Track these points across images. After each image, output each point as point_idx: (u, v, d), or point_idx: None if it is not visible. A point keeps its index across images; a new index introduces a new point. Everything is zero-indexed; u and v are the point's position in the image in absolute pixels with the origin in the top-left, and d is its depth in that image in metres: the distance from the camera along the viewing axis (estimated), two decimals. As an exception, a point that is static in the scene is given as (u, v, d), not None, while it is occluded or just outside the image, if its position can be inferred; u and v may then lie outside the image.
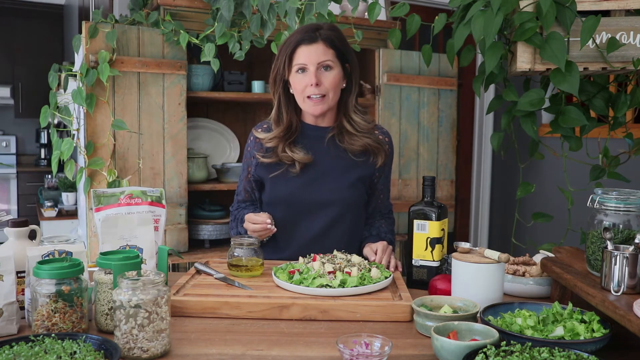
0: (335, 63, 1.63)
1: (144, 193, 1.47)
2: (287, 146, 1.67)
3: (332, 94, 1.64)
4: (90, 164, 2.38)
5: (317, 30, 1.63)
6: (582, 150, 2.07)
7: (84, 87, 2.35)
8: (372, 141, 1.70)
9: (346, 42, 1.68)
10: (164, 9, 2.55)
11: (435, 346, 1.02)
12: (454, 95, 3.12)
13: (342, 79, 1.67)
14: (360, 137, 1.69)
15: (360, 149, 1.69)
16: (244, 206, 1.80)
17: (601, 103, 1.90)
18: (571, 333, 1.06)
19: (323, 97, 1.63)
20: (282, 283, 1.37)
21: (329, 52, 1.62)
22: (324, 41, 1.62)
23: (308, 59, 1.61)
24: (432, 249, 1.50)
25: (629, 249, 1.12)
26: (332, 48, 1.62)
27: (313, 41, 1.61)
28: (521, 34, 1.68)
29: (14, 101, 5.96)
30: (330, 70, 1.62)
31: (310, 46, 1.61)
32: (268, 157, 1.70)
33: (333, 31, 1.65)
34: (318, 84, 1.61)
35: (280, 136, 1.68)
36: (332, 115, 1.72)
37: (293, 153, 1.66)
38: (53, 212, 3.85)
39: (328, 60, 1.62)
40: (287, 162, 1.68)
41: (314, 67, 1.61)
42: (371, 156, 1.72)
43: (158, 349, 1.04)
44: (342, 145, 1.70)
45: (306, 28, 1.64)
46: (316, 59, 1.61)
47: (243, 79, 2.85)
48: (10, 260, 1.14)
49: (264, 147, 1.71)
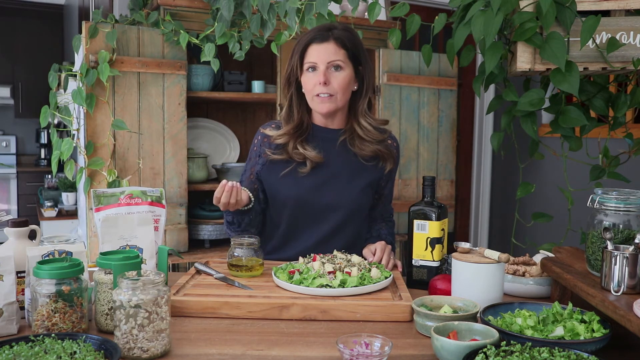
0: (346, 64, 1.62)
1: (144, 193, 1.47)
2: (298, 143, 1.66)
3: (341, 94, 1.62)
4: (90, 164, 2.38)
5: (330, 30, 1.62)
6: (582, 150, 2.07)
7: (84, 87, 2.35)
8: (383, 147, 1.70)
9: (360, 44, 1.66)
10: (164, 9, 2.55)
11: (435, 346, 1.02)
12: (454, 95, 3.12)
13: (353, 81, 1.65)
14: (371, 143, 1.67)
15: (370, 154, 1.68)
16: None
17: (601, 103, 1.90)
18: (571, 333, 1.06)
19: (331, 96, 1.62)
20: (282, 283, 1.36)
21: (340, 52, 1.61)
22: (335, 41, 1.61)
23: (318, 58, 1.60)
24: (432, 249, 1.50)
25: (629, 249, 1.12)
26: (343, 48, 1.61)
27: (324, 40, 1.61)
28: (521, 34, 1.68)
29: (14, 101, 5.96)
30: (340, 71, 1.61)
31: (321, 45, 1.60)
32: (278, 154, 1.68)
33: (346, 32, 1.64)
34: (326, 82, 1.60)
35: (291, 133, 1.67)
36: (342, 117, 1.70)
37: (305, 150, 1.65)
38: (53, 212, 3.85)
39: (338, 60, 1.60)
40: (298, 160, 1.66)
41: (324, 65, 1.60)
42: (380, 161, 1.71)
43: (158, 349, 1.04)
44: (353, 149, 1.68)
45: (320, 27, 1.64)
46: (326, 58, 1.60)
47: (243, 79, 2.85)
48: (10, 260, 1.14)
49: (273, 145, 1.69)
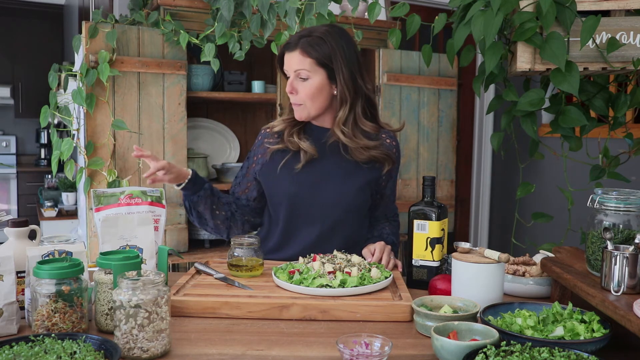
0: (313, 72, 1.59)
1: (144, 193, 1.47)
2: (295, 132, 1.67)
3: (310, 102, 1.62)
4: (90, 164, 2.38)
5: (301, 38, 1.60)
6: (582, 150, 2.07)
7: (84, 87, 2.35)
8: (378, 152, 1.67)
9: (335, 49, 1.58)
10: (164, 9, 2.55)
11: (435, 346, 1.02)
12: (454, 95, 3.12)
13: (327, 87, 1.61)
14: (364, 149, 1.65)
15: (364, 159, 1.67)
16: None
17: (601, 103, 1.90)
18: (571, 333, 1.06)
19: (300, 105, 1.63)
20: (282, 283, 1.36)
21: (306, 61, 1.58)
22: (301, 49, 1.58)
23: (287, 66, 1.63)
24: (432, 249, 1.50)
25: (629, 249, 1.12)
26: (309, 57, 1.58)
27: (292, 49, 1.60)
28: (521, 34, 1.68)
29: (14, 101, 5.96)
30: (307, 80, 1.60)
31: (290, 54, 1.61)
32: (275, 144, 1.70)
33: (318, 38, 1.58)
34: (292, 91, 1.61)
35: (288, 121, 1.69)
36: (331, 117, 1.70)
37: (300, 140, 1.66)
38: (53, 212, 3.86)
39: (302, 70, 1.59)
40: (292, 149, 1.67)
41: (292, 75, 1.61)
42: (377, 163, 1.71)
43: (158, 349, 1.04)
44: (347, 156, 1.67)
45: (297, 34, 1.64)
46: (293, 67, 1.61)
47: (243, 79, 2.85)
48: (10, 260, 1.14)
49: (273, 135, 1.72)
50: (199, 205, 1.68)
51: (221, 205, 1.71)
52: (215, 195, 1.70)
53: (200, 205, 1.68)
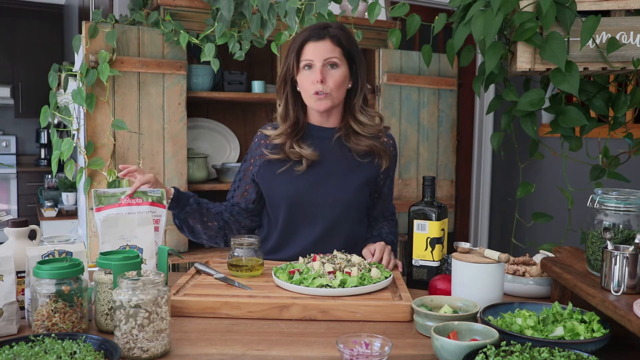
0: (341, 62, 1.63)
1: (144, 193, 1.47)
2: (294, 142, 1.68)
3: (336, 92, 1.64)
4: (90, 164, 2.38)
5: (325, 28, 1.64)
6: (582, 150, 2.07)
7: (84, 87, 2.35)
8: (378, 143, 1.71)
9: (355, 43, 1.68)
10: (164, 9, 2.55)
11: (435, 346, 1.02)
12: (454, 95, 3.12)
13: (348, 79, 1.67)
14: (366, 138, 1.69)
15: (365, 149, 1.69)
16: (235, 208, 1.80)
17: (601, 103, 1.90)
18: (571, 333, 1.06)
19: (327, 94, 1.63)
20: (282, 283, 1.36)
21: (336, 50, 1.62)
22: (331, 39, 1.62)
23: (315, 55, 1.62)
24: (432, 249, 1.50)
25: (629, 249, 1.12)
26: (339, 46, 1.63)
27: (320, 38, 1.62)
28: (521, 34, 1.68)
29: (14, 101, 5.96)
30: (336, 69, 1.63)
31: (317, 43, 1.62)
32: (275, 154, 1.69)
33: (341, 30, 1.65)
34: (323, 80, 1.61)
35: (288, 132, 1.69)
36: (337, 115, 1.72)
37: (301, 149, 1.66)
38: (53, 212, 3.86)
39: (334, 58, 1.62)
40: (294, 159, 1.68)
41: (320, 63, 1.61)
42: (376, 158, 1.72)
43: (158, 349, 1.04)
44: (348, 145, 1.70)
45: (315, 26, 1.66)
46: (323, 56, 1.61)
47: (243, 79, 2.85)
48: (10, 260, 1.14)
49: (270, 145, 1.71)
50: (188, 220, 1.70)
51: (211, 215, 1.73)
52: (203, 207, 1.72)
53: (190, 220, 1.71)
